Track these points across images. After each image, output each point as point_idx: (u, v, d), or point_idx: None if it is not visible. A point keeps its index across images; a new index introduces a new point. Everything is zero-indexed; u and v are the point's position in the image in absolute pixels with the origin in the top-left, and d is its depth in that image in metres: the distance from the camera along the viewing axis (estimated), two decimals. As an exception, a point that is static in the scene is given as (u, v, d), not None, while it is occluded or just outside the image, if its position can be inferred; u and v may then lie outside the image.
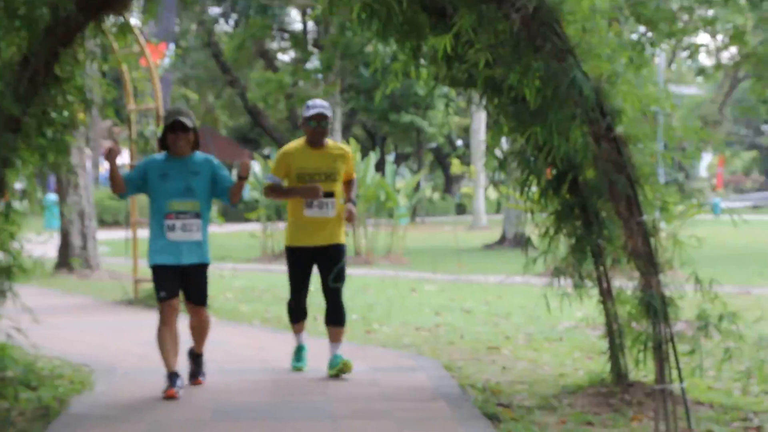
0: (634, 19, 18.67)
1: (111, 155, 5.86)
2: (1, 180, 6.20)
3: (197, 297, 6.09)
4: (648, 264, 5.68)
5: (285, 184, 6.61)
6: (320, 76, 29.75)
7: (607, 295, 6.76)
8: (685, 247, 6.07)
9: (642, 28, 20.69)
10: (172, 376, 5.78)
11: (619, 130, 5.74)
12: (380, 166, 24.07)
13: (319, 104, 6.49)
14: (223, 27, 34.86)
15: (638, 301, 5.93)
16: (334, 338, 6.64)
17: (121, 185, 5.97)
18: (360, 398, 6.28)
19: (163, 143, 6.07)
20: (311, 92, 27.85)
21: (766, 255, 20.87)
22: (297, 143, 6.64)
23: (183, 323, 6.36)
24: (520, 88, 5.95)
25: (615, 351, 6.84)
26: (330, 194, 6.35)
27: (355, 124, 37.16)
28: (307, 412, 5.82)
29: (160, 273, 5.90)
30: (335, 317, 6.61)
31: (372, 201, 19.60)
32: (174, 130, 5.89)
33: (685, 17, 20.90)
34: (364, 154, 20.82)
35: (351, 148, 6.78)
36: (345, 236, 6.69)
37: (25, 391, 6.25)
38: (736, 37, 18.72)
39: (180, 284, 5.95)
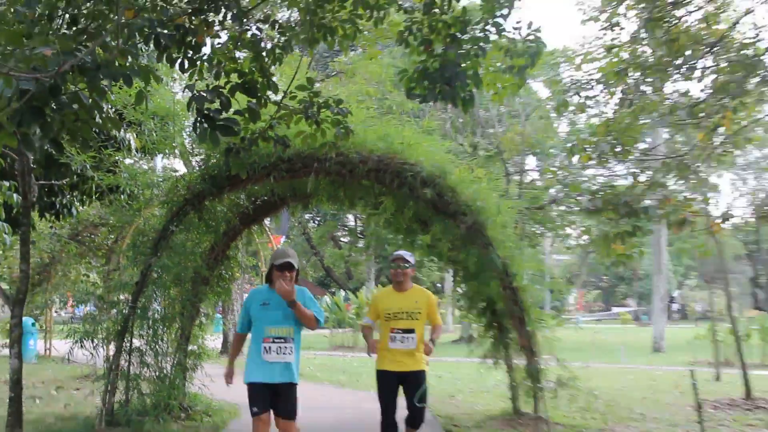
0: (532, 220, 28.08)
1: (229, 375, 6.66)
2: (197, 309, 10.47)
3: (286, 412, 6.14)
4: (530, 353, 9.37)
5: (376, 323, 7.36)
6: (363, 251, 44.38)
7: (510, 368, 10.58)
8: (554, 342, 10.91)
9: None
10: None
11: (516, 284, 9.31)
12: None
13: (399, 252, 7.28)
14: (312, 224, 51.38)
15: (525, 370, 9.64)
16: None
17: (237, 351, 6.95)
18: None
19: (269, 277, 6.37)
20: (359, 259, 47.59)
21: (602, 346, 29.76)
22: (386, 289, 7.41)
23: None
24: (465, 261, 9.61)
25: (514, 396, 10.81)
26: (410, 330, 6.88)
27: (382, 277, 47.68)
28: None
29: (254, 390, 6.05)
30: (413, 421, 7.12)
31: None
32: (282, 269, 6.10)
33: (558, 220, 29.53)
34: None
35: (433, 297, 7.32)
36: (426, 365, 7.09)
37: (205, 416, 10.25)
38: (585, 232, 26.66)
39: (271, 401, 6.10)
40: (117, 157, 11.70)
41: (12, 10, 4.49)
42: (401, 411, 7.17)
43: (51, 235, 16.95)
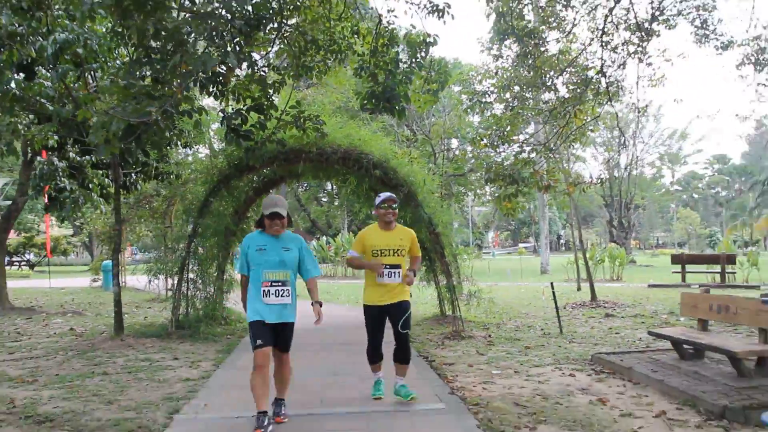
0: (457, 183, 28.46)
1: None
2: (228, 252, 11.23)
3: (284, 346, 5.03)
4: (448, 275, 10.16)
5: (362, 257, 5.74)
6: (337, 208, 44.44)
7: (437, 285, 11.28)
8: (469, 268, 11.99)
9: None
10: (261, 416, 4.76)
11: (438, 230, 10.20)
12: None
13: (387, 193, 5.89)
14: (301, 189, 48.14)
15: (446, 287, 10.33)
16: (400, 372, 5.76)
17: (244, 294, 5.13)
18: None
19: (260, 223, 5.11)
20: (336, 214, 47.17)
21: (515, 272, 29.35)
22: (372, 226, 5.86)
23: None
24: (404, 216, 10.23)
25: (441, 304, 11.67)
26: (397, 266, 5.58)
27: (353, 226, 44.61)
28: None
29: (256, 328, 4.84)
30: (403, 356, 5.68)
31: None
32: (272, 217, 4.95)
33: (475, 184, 30.13)
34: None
35: (413, 233, 5.95)
36: (409, 295, 5.78)
37: (237, 323, 10.73)
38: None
39: (272, 337, 4.92)
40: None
41: (120, 77, 5.42)
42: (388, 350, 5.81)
43: (122, 203, 17.60)
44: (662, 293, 16.68)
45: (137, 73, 5.73)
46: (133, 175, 12.77)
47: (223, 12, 5.61)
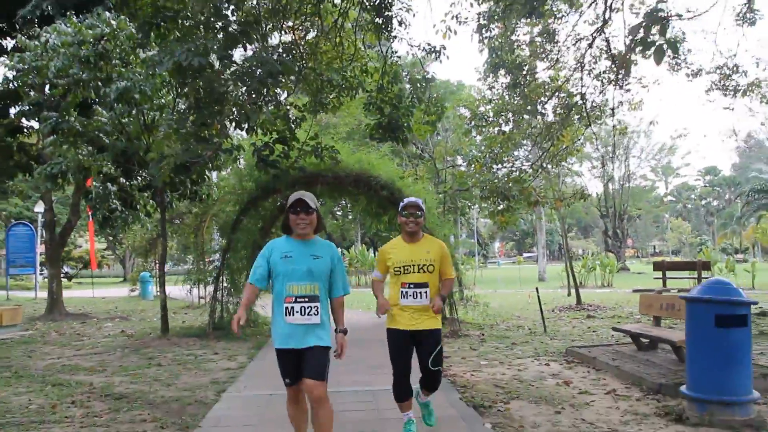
0: (462, 198, 27.78)
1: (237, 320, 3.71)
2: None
3: (314, 373, 3.64)
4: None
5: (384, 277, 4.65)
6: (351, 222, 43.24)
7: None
8: (468, 275, 12.81)
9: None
10: None
11: None
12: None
13: (412, 198, 4.67)
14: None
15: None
16: (425, 395, 4.76)
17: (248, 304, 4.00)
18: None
19: (286, 225, 3.92)
20: (349, 227, 46.78)
21: (511, 279, 30.39)
22: (395, 240, 4.71)
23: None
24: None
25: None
26: (423, 284, 4.40)
27: (366, 238, 44.93)
28: None
29: (281, 359, 3.74)
30: (432, 386, 4.67)
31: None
32: (296, 211, 3.79)
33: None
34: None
35: (446, 247, 4.65)
36: (440, 321, 4.58)
37: (265, 326, 11.41)
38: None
39: (299, 366, 3.70)
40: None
41: (174, 124, 6.48)
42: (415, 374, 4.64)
43: (158, 220, 18.63)
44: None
45: (189, 119, 6.75)
46: (167, 195, 13.74)
47: (259, 72, 6.59)
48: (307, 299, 3.69)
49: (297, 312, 3.68)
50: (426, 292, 4.41)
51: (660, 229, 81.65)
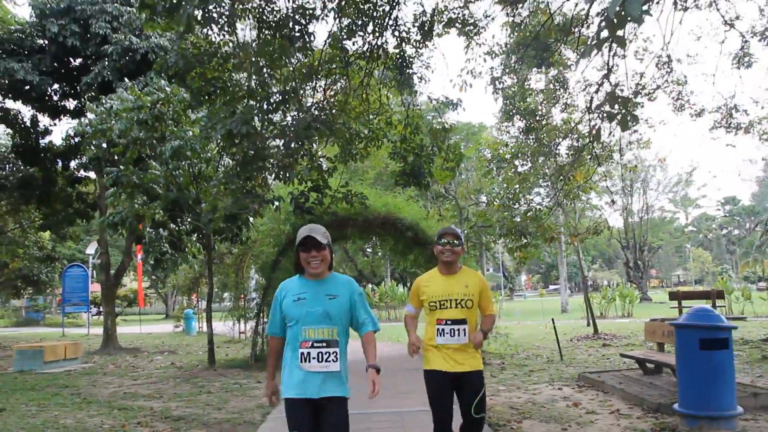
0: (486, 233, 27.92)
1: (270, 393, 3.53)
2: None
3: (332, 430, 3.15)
4: None
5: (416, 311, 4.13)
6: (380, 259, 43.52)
7: None
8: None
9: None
10: None
11: None
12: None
13: (450, 226, 4.12)
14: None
15: None
16: None
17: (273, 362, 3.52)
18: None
19: (297, 264, 3.34)
20: (378, 264, 46.72)
21: (534, 311, 30.30)
22: (430, 272, 4.15)
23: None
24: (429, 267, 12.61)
25: None
26: (461, 321, 3.82)
27: (396, 274, 44.67)
28: None
29: (291, 408, 3.18)
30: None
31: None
32: (307, 248, 3.23)
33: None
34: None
35: (485, 280, 4.08)
36: (482, 362, 3.96)
37: None
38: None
39: (315, 419, 3.18)
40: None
41: (222, 180, 7.29)
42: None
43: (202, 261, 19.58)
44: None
45: (236, 176, 7.54)
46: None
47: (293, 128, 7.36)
48: (324, 344, 3.20)
49: (314, 358, 3.19)
50: (464, 330, 3.83)
51: (682, 259, 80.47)
